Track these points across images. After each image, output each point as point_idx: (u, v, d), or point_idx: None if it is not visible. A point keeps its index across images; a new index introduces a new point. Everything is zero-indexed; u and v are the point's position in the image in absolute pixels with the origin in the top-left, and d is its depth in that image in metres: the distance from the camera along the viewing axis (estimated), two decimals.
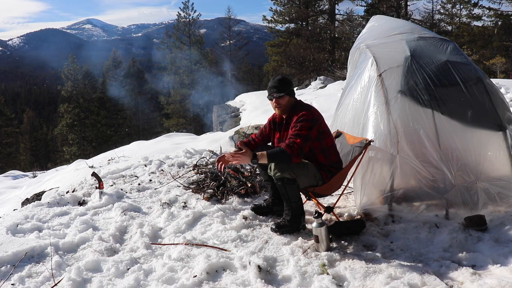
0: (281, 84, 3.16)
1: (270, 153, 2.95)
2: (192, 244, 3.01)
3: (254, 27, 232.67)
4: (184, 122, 34.26)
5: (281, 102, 3.16)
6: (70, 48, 79.32)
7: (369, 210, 3.35)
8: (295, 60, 28.39)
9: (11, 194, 9.31)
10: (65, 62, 36.34)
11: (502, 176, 3.24)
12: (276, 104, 3.18)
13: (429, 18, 30.07)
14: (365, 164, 3.34)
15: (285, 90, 3.14)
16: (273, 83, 3.18)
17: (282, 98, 3.15)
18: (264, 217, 3.50)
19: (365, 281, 2.47)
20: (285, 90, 3.14)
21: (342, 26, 30.84)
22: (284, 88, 3.14)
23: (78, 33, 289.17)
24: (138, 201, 4.13)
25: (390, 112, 3.32)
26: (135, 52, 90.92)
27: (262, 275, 2.54)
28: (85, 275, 2.67)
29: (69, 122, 34.21)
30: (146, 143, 10.55)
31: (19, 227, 3.42)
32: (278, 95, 3.13)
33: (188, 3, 34.92)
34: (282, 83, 3.17)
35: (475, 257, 2.65)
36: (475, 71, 3.43)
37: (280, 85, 3.15)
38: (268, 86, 3.22)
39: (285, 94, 3.14)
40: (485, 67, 21.25)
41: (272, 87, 3.17)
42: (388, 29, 4.15)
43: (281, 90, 3.13)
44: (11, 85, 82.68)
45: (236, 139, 9.08)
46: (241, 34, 41.62)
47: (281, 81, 3.18)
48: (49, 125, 47.53)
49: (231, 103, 15.33)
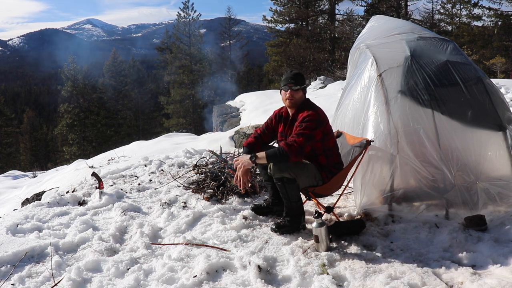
0: (298, 77, 3.19)
1: (269, 153, 2.95)
2: (192, 244, 3.01)
3: (254, 27, 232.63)
4: (184, 122, 34.26)
5: (295, 95, 3.16)
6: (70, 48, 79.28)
7: (369, 210, 3.35)
8: (295, 60, 28.38)
9: (11, 194, 9.31)
10: (65, 62, 36.34)
11: (502, 176, 3.24)
12: (290, 96, 3.16)
13: (429, 18, 30.07)
14: (365, 164, 3.34)
15: (302, 84, 3.17)
16: (291, 75, 3.19)
17: (297, 91, 3.16)
18: (264, 217, 3.50)
19: (365, 281, 2.47)
20: (301, 84, 3.17)
21: (342, 26, 30.84)
22: (301, 82, 3.17)
23: (78, 33, 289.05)
24: (138, 201, 4.13)
25: (390, 112, 3.32)
26: (135, 52, 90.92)
27: (262, 275, 2.54)
28: (85, 275, 2.67)
29: (69, 122, 34.21)
30: (146, 143, 10.55)
31: (19, 227, 3.42)
32: (295, 87, 3.15)
33: (188, 3, 34.94)
34: (300, 77, 3.20)
35: (475, 257, 2.65)
36: (475, 71, 3.43)
37: (298, 79, 3.17)
38: (285, 77, 3.22)
39: (300, 88, 3.16)
40: (485, 67, 21.25)
41: (290, 78, 3.17)
42: (388, 29, 4.15)
43: (298, 84, 3.15)
44: (11, 85, 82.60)
45: (236, 139, 9.08)
46: (241, 34, 41.65)
47: (299, 75, 3.21)
48: (49, 125, 47.51)
49: (231, 103, 15.32)
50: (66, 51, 46.13)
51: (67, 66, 35.62)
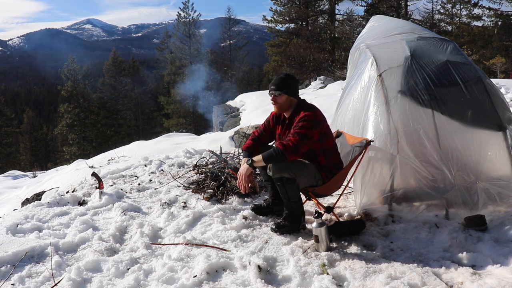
0: (281, 82, 3.17)
1: (265, 155, 2.96)
2: (192, 244, 3.01)
3: (254, 27, 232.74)
4: (184, 122, 34.26)
5: (278, 100, 3.18)
6: (70, 48, 79.28)
7: (369, 210, 3.35)
8: (295, 60, 28.38)
9: (11, 194, 9.31)
10: (65, 62, 36.35)
11: (502, 176, 3.24)
12: (273, 101, 3.21)
13: (429, 18, 30.07)
14: (365, 164, 3.34)
15: (283, 89, 3.14)
16: (274, 81, 3.22)
17: (279, 96, 3.16)
18: (264, 217, 3.50)
19: (365, 281, 2.47)
20: (283, 89, 3.14)
21: (342, 26, 30.83)
22: (282, 86, 3.15)
23: (78, 33, 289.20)
24: (138, 201, 4.13)
25: (390, 112, 3.32)
26: (135, 52, 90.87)
27: (262, 275, 2.54)
28: (85, 275, 2.67)
29: (69, 122, 34.22)
30: (146, 143, 10.56)
31: (19, 227, 3.42)
32: (276, 93, 3.16)
33: (188, 3, 34.96)
34: (282, 81, 3.17)
35: (475, 257, 2.64)
36: (475, 71, 3.43)
37: (280, 84, 3.16)
38: (270, 83, 3.26)
39: (282, 93, 3.14)
40: (485, 67, 21.25)
41: (272, 84, 3.21)
42: (388, 29, 4.15)
43: (279, 89, 3.15)
44: (11, 85, 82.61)
45: (236, 139, 9.08)
46: (241, 34, 41.63)
47: (282, 79, 3.19)
48: (49, 125, 47.51)
49: (231, 103, 15.31)
50: (66, 51, 46.09)
51: (67, 66, 35.63)
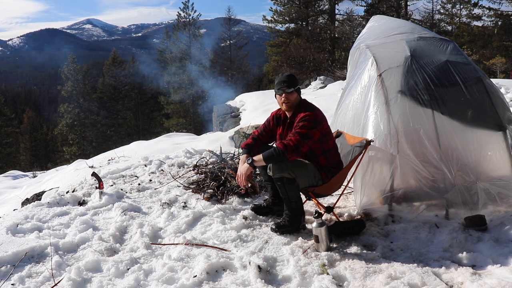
0: (291, 79, 3.16)
1: (265, 154, 2.96)
2: (192, 244, 3.01)
3: (254, 27, 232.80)
4: (184, 122, 34.25)
5: (290, 97, 3.15)
6: (70, 48, 79.28)
7: (369, 210, 3.35)
8: (295, 60, 28.38)
9: (11, 194, 9.32)
10: (65, 62, 36.35)
11: (502, 176, 3.24)
12: (285, 99, 3.15)
13: (429, 18, 30.05)
14: (365, 164, 3.34)
15: (295, 86, 3.15)
16: (283, 78, 3.17)
17: (291, 93, 3.15)
18: (264, 217, 3.50)
19: (365, 281, 2.47)
20: (294, 86, 3.15)
21: (342, 26, 30.80)
22: (294, 84, 3.15)
23: (78, 33, 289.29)
24: (138, 201, 4.13)
25: (390, 112, 3.32)
26: (135, 52, 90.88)
27: (262, 275, 2.54)
28: (85, 275, 2.67)
29: (69, 122, 34.24)
30: (146, 143, 10.55)
31: (19, 227, 3.42)
32: (289, 90, 3.13)
33: (188, 3, 34.91)
34: (293, 79, 3.18)
35: (475, 257, 2.65)
36: (475, 71, 3.43)
37: (290, 81, 3.15)
38: (277, 81, 3.19)
39: (294, 90, 3.15)
40: (485, 67, 21.24)
41: (282, 82, 3.15)
42: (388, 29, 4.15)
43: (291, 86, 3.14)
44: (11, 85, 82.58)
45: (236, 139, 9.07)
46: (241, 34, 41.55)
47: (291, 77, 3.19)
48: (49, 125, 47.50)
49: (231, 103, 15.31)
50: (66, 51, 46.09)
51: (67, 66, 35.62)
